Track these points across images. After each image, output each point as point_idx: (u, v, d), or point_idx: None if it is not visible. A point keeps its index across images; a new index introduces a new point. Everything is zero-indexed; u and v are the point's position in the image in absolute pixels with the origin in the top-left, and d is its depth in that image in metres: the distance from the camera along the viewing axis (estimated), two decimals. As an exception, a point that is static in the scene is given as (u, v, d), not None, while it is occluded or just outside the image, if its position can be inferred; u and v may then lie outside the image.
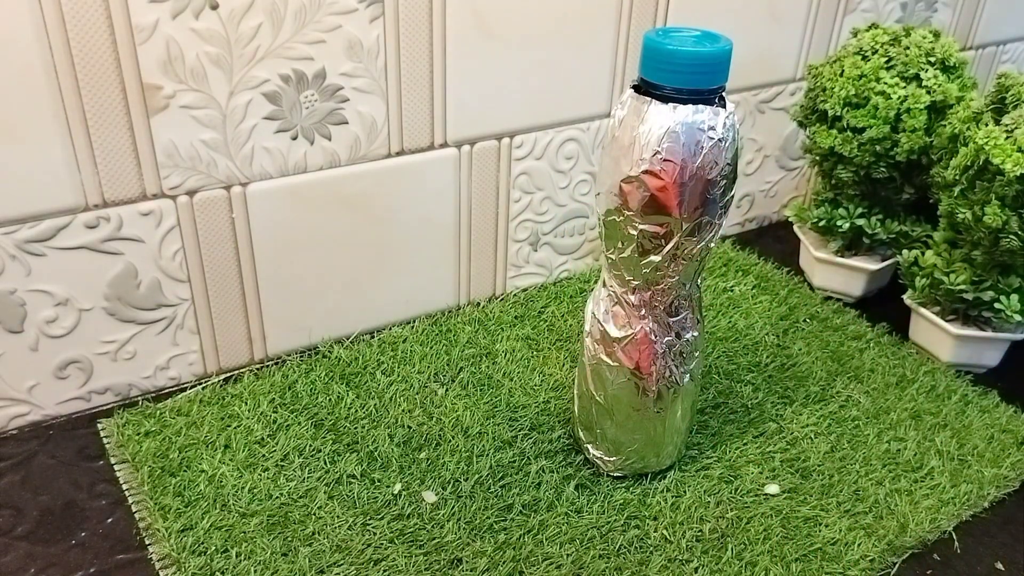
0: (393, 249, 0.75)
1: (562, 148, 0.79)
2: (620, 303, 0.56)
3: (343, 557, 0.55)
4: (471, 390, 0.69)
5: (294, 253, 0.70)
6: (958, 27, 1.03)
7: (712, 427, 0.67)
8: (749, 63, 0.87)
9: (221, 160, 0.63)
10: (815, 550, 0.57)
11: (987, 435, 0.67)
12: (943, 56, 0.76)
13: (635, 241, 0.53)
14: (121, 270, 0.63)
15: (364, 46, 0.65)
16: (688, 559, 0.56)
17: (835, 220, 0.82)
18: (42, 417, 0.66)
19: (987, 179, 0.66)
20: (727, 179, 0.52)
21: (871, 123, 0.75)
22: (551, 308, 0.80)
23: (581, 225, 0.85)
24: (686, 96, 0.49)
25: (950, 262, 0.73)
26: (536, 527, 0.57)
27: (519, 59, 0.72)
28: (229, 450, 0.62)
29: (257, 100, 0.63)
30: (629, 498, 0.60)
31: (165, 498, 0.58)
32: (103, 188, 0.60)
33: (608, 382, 0.58)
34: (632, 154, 0.50)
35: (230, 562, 0.54)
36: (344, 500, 0.59)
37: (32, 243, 0.59)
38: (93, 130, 0.58)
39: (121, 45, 0.57)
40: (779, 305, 0.82)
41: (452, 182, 0.75)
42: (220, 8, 0.58)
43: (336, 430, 0.65)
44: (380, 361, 0.72)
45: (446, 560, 0.55)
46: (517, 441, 0.64)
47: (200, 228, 0.65)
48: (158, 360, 0.68)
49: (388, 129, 0.69)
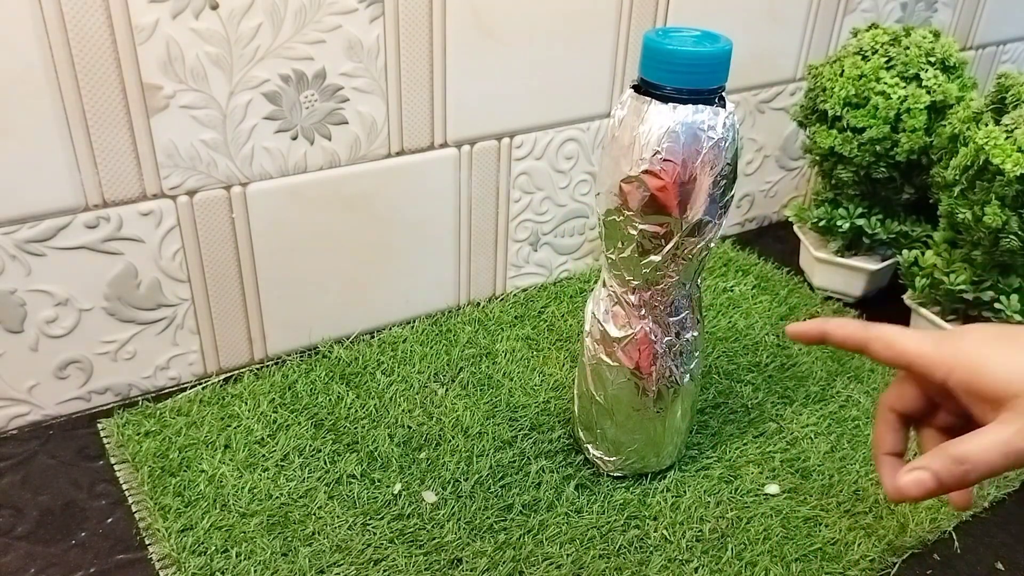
0: (393, 249, 0.75)
1: (562, 148, 0.79)
2: (620, 303, 0.56)
3: (343, 557, 0.55)
4: (471, 390, 0.69)
5: (294, 253, 0.70)
6: (958, 27, 1.03)
7: (712, 427, 0.67)
8: (749, 63, 0.87)
9: (221, 160, 0.63)
10: (815, 550, 0.57)
11: (987, 435, 0.67)
12: (943, 56, 0.76)
13: (635, 241, 0.53)
14: (121, 270, 0.63)
15: (364, 46, 0.65)
16: (688, 559, 0.56)
17: (835, 220, 0.82)
18: (42, 417, 0.66)
19: (987, 179, 0.66)
20: (727, 179, 0.52)
21: (871, 123, 0.75)
22: (551, 308, 0.80)
23: (581, 225, 0.85)
24: (686, 96, 0.49)
25: (950, 262, 0.73)
26: (536, 527, 0.57)
27: (519, 59, 0.72)
28: (229, 450, 0.62)
29: (257, 100, 0.63)
30: (629, 498, 0.60)
31: (165, 498, 0.58)
32: (103, 188, 0.60)
33: (608, 382, 0.58)
34: (632, 154, 0.50)
35: (230, 562, 0.54)
36: (344, 500, 0.59)
37: (32, 243, 0.59)
38: (93, 130, 0.58)
39: (121, 45, 0.57)
40: (779, 305, 0.82)
41: (452, 182, 0.75)
42: (220, 8, 0.58)
43: (336, 430, 0.65)
44: (380, 361, 0.72)
45: (446, 560, 0.55)
46: (517, 441, 0.64)
47: (200, 228, 0.65)
48: (158, 360, 0.68)
49: (388, 129, 0.69)
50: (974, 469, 0.39)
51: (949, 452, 0.40)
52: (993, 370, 0.39)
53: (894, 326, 0.44)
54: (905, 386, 0.45)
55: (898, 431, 0.46)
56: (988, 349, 0.40)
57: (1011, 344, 0.40)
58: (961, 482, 0.40)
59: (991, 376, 0.39)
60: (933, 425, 0.45)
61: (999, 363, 0.39)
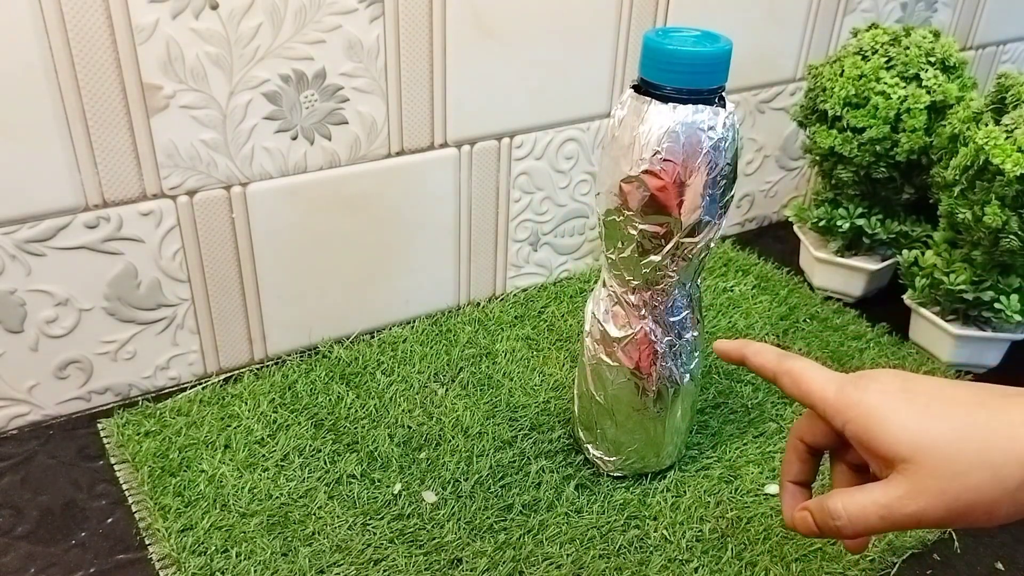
0: (393, 249, 0.75)
1: (562, 148, 0.79)
2: (620, 303, 0.56)
3: (343, 557, 0.55)
4: (471, 390, 0.69)
5: (294, 253, 0.70)
6: (958, 27, 1.03)
7: (712, 427, 0.67)
8: (749, 63, 0.87)
9: (221, 160, 0.63)
10: (815, 550, 0.57)
11: (987, 435, 0.67)
12: (943, 56, 0.76)
13: (635, 241, 0.53)
14: (121, 270, 0.63)
15: (364, 46, 0.65)
16: (688, 559, 0.56)
17: (835, 220, 0.82)
18: (42, 417, 0.66)
19: (987, 179, 0.66)
20: (727, 179, 0.52)
21: (871, 123, 0.75)
22: (551, 308, 0.80)
23: (581, 225, 0.85)
24: (686, 96, 0.49)
25: (950, 262, 0.73)
26: (536, 527, 0.57)
27: (519, 59, 0.72)
28: (229, 450, 0.62)
29: (257, 100, 0.63)
30: (629, 498, 0.60)
31: (165, 498, 0.58)
32: (103, 188, 0.60)
33: (608, 382, 0.58)
34: (632, 154, 0.50)
35: (230, 562, 0.54)
36: (344, 500, 0.59)
37: (32, 243, 0.59)
38: (93, 130, 0.58)
39: (121, 45, 0.57)
40: (779, 305, 0.82)
41: (452, 182, 0.75)
42: (220, 8, 0.58)
43: (336, 430, 0.65)
44: (380, 361, 0.72)
45: (446, 560, 0.55)
46: (517, 441, 0.64)
47: (200, 228, 0.65)
48: (158, 360, 0.68)
49: (388, 129, 0.69)
50: (849, 526, 0.38)
51: (826, 504, 0.39)
52: (887, 429, 0.38)
53: (808, 362, 0.43)
54: (815, 420, 0.44)
55: (806, 461, 0.45)
56: (888, 406, 0.38)
57: (912, 402, 0.38)
58: (837, 534, 0.39)
59: (884, 435, 0.38)
60: (844, 460, 0.44)
61: (895, 422, 0.38)
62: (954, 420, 0.37)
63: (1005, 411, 0.37)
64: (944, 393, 0.39)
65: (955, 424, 0.37)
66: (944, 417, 0.37)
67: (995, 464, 0.36)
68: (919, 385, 0.39)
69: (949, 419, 0.37)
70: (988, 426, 0.36)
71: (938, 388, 0.39)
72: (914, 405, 0.38)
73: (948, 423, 0.37)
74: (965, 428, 0.37)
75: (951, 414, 0.37)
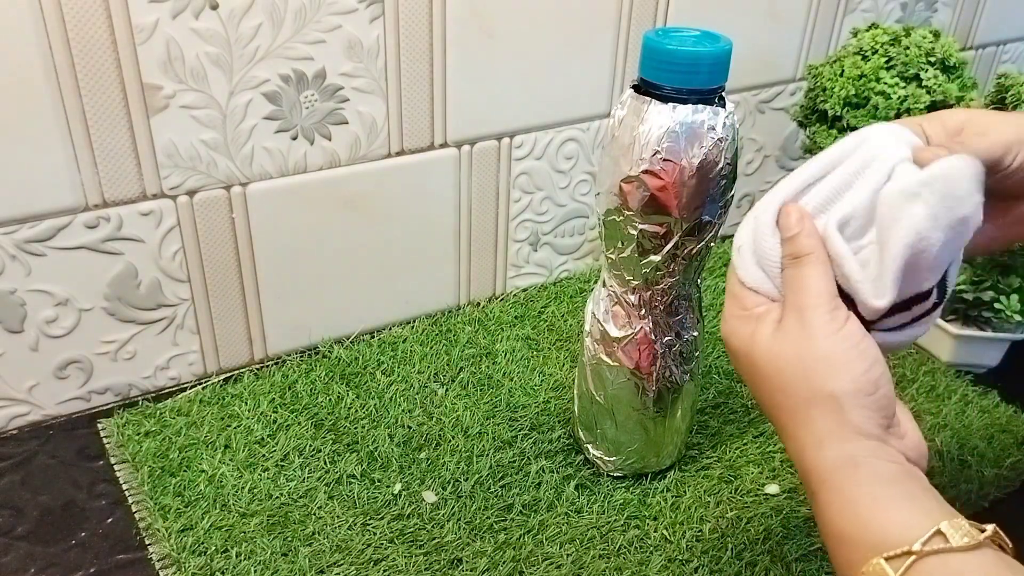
0: (393, 249, 0.75)
1: (562, 148, 0.79)
2: (620, 303, 0.56)
3: (343, 557, 0.55)
4: (471, 390, 0.69)
5: (294, 253, 0.70)
6: (958, 27, 1.03)
7: (712, 427, 0.67)
8: (749, 63, 0.87)
9: (221, 160, 0.63)
10: (815, 550, 0.57)
11: (987, 435, 0.67)
12: (943, 56, 0.76)
13: (635, 241, 0.53)
14: (121, 270, 0.63)
15: (364, 46, 0.65)
16: (688, 559, 0.56)
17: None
18: (42, 417, 0.66)
19: (987, 179, 0.66)
20: (727, 179, 0.52)
21: (871, 123, 0.75)
22: (551, 308, 0.80)
23: (581, 225, 0.85)
24: (686, 96, 0.49)
25: (950, 262, 0.73)
26: (536, 527, 0.57)
27: (519, 59, 0.72)
28: (229, 450, 0.62)
29: (257, 100, 0.63)
30: (629, 498, 0.60)
31: (165, 498, 0.58)
32: (103, 188, 0.60)
33: (608, 382, 0.58)
34: (632, 154, 0.50)
35: (230, 562, 0.54)
36: (344, 500, 0.59)
37: (32, 243, 0.59)
38: (93, 130, 0.58)
39: (121, 45, 0.57)
40: (779, 305, 0.82)
41: (452, 182, 0.75)
42: (220, 8, 0.58)
43: (336, 430, 0.65)
44: (380, 361, 0.72)
45: (446, 560, 0.55)
46: (517, 441, 0.64)
47: (200, 228, 0.65)
48: (158, 360, 0.68)
49: (388, 129, 0.69)
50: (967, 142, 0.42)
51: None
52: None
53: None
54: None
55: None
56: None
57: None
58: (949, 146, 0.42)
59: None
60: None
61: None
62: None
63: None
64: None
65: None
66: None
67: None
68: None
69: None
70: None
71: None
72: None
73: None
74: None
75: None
